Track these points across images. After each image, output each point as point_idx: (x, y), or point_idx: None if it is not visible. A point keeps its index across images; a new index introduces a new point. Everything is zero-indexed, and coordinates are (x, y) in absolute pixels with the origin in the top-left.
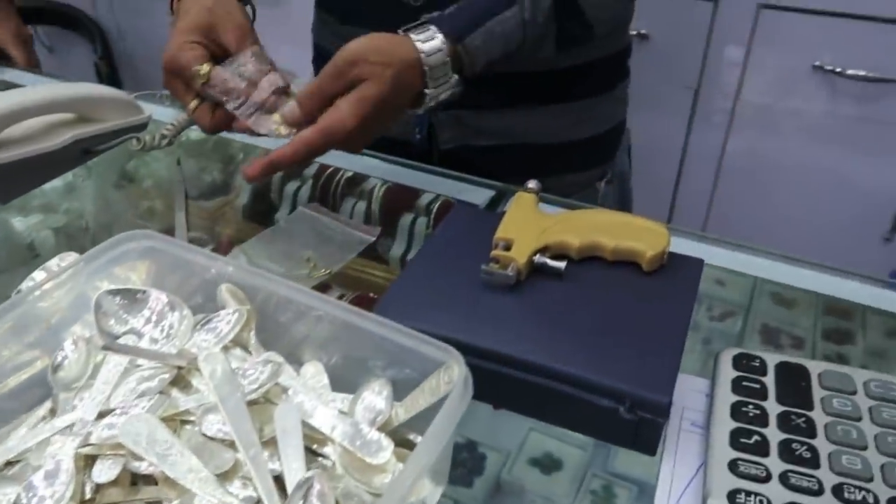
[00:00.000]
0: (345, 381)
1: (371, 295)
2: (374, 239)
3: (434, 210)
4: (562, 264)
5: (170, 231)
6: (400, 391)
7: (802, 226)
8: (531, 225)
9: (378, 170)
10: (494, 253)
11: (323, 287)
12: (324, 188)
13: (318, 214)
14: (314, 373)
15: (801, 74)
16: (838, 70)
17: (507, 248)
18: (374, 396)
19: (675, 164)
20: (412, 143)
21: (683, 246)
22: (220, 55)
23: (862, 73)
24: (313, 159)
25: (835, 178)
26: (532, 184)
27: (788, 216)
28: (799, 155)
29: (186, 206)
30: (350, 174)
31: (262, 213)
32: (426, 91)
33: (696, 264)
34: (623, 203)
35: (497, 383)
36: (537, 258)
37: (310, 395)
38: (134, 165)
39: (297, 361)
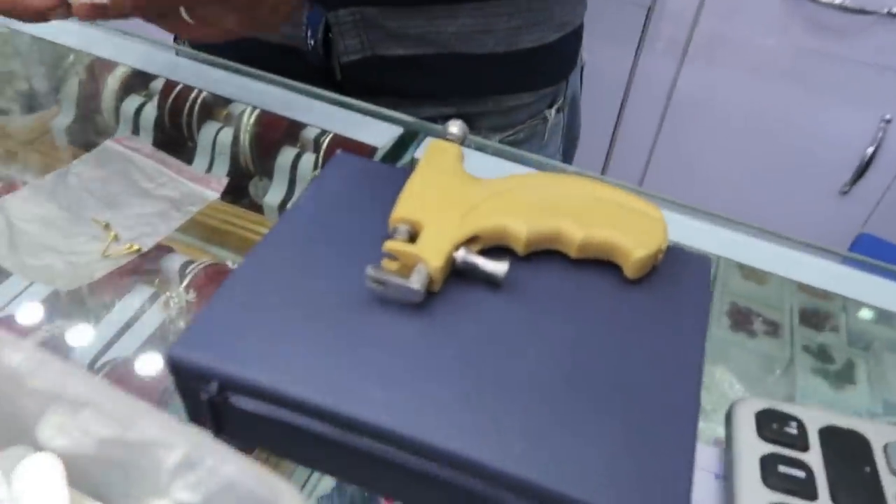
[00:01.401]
0: (117, 483)
1: (230, 265)
2: (216, 195)
3: (324, 145)
4: (501, 266)
5: None
6: None
7: (752, 172)
8: (452, 197)
9: (247, 91)
10: (390, 246)
11: (160, 250)
12: (174, 110)
13: (134, 153)
14: (40, 472)
15: (769, 1)
16: None
17: (412, 236)
18: None
19: (618, 94)
20: (305, 52)
21: None
22: None
23: (838, 1)
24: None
25: (793, 122)
26: (455, 127)
27: (738, 161)
28: (756, 93)
29: None
30: (206, 95)
31: (92, 139)
32: None
33: (701, 267)
34: (571, 139)
35: (388, 471)
36: (461, 255)
37: None
38: None
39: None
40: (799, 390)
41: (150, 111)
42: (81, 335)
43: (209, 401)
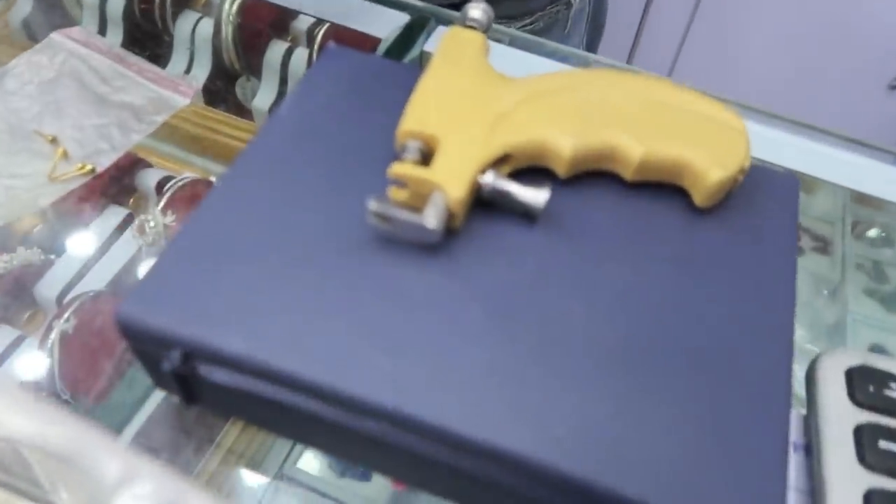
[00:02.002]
0: (53, 473)
1: (214, 181)
2: (186, 101)
3: (319, 37)
4: (541, 195)
5: None
6: None
7: (792, 64)
8: (476, 102)
9: None
10: (398, 170)
11: (133, 164)
12: None
13: (85, 48)
14: None
15: None
16: None
17: (426, 156)
18: None
19: None
20: None
21: None
22: None
23: None
24: None
25: (840, 5)
26: (477, 10)
27: (776, 51)
28: None
29: None
30: None
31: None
32: None
33: (787, 190)
34: (597, 27)
35: (399, 457)
36: (489, 180)
37: None
38: None
39: None
40: (850, 314)
41: (118, 0)
42: (45, 267)
43: (172, 371)
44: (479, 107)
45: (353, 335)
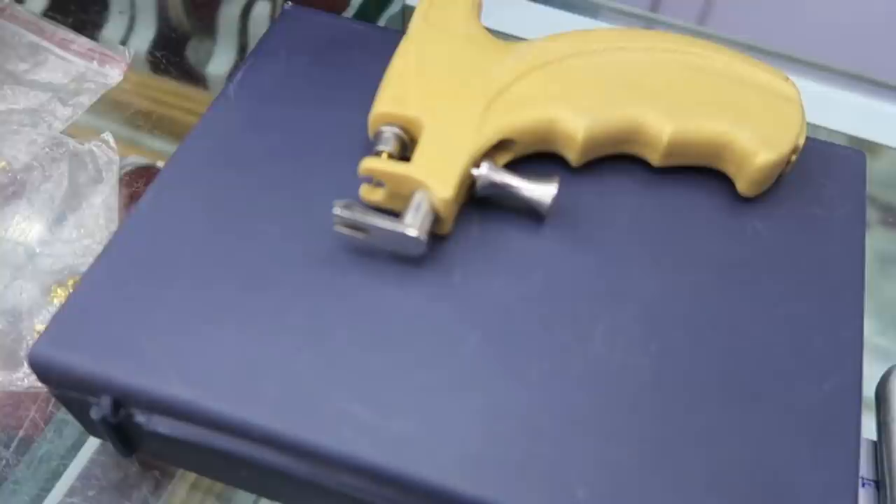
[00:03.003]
0: None
1: (159, 164)
2: (118, 76)
3: None
4: (548, 189)
5: None
6: None
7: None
8: (467, 76)
9: None
10: (370, 165)
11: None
12: None
13: None
14: None
15: None
16: None
17: (405, 144)
18: None
19: None
20: None
21: None
22: None
23: None
24: None
25: None
26: None
27: None
28: None
29: None
30: None
31: None
32: None
33: (853, 172)
34: None
35: None
36: (483, 173)
37: None
38: None
39: None
40: None
41: None
42: None
43: (103, 420)
44: (470, 81)
45: (320, 374)
